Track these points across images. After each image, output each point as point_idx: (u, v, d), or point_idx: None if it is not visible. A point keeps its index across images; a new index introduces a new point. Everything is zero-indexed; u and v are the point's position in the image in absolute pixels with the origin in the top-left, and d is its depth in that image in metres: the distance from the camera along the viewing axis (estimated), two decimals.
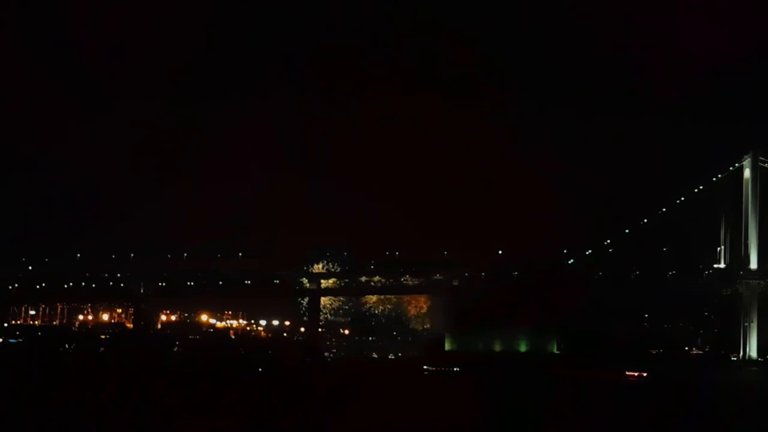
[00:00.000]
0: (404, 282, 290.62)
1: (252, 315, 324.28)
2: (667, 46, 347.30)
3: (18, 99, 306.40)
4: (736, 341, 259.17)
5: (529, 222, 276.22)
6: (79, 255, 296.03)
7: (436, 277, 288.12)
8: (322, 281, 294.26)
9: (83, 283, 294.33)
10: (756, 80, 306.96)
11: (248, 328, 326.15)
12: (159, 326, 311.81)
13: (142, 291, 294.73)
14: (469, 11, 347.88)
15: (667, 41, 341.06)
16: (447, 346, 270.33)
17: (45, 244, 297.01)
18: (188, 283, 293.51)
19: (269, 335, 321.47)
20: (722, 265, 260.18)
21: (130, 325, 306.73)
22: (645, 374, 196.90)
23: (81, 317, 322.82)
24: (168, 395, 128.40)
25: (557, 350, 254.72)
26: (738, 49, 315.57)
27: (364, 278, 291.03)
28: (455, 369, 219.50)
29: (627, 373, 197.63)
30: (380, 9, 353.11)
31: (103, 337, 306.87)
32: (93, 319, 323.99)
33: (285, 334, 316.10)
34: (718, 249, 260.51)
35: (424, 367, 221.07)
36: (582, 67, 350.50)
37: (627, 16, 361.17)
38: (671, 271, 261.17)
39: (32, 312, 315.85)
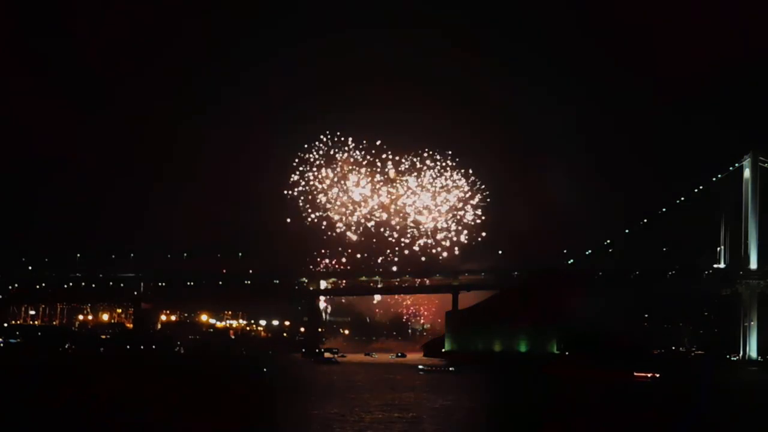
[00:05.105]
0: (404, 282, 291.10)
1: (252, 315, 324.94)
2: (668, 47, 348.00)
3: (18, 99, 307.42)
4: (736, 341, 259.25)
5: (529, 222, 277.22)
6: (79, 255, 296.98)
7: (436, 277, 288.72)
8: (322, 281, 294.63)
9: (83, 283, 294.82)
10: (756, 80, 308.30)
11: (248, 328, 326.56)
12: (159, 326, 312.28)
13: (142, 291, 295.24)
14: (469, 11, 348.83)
15: (668, 42, 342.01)
16: (447, 346, 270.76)
17: (45, 245, 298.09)
18: (188, 283, 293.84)
19: (269, 335, 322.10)
20: (722, 265, 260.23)
21: (130, 325, 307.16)
22: (657, 375, 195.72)
23: (81, 317, 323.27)
24: (168, 395, 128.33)
25: (557, 350, 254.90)
26: (738, 50, 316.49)
27: (363, 278, 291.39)
28: (451, 369, 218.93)
29: (635, 374, 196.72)
30: (381, 9, 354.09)
31: (103, 337, 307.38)
32: (93, 319, 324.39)
33: (285, 334, 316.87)
34: (718, 249, 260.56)
35: (420, 366, 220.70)
36: (582, 67, 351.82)
37: (627, 16, 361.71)
38: (671, 271, 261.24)
39: (32, 312, 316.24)
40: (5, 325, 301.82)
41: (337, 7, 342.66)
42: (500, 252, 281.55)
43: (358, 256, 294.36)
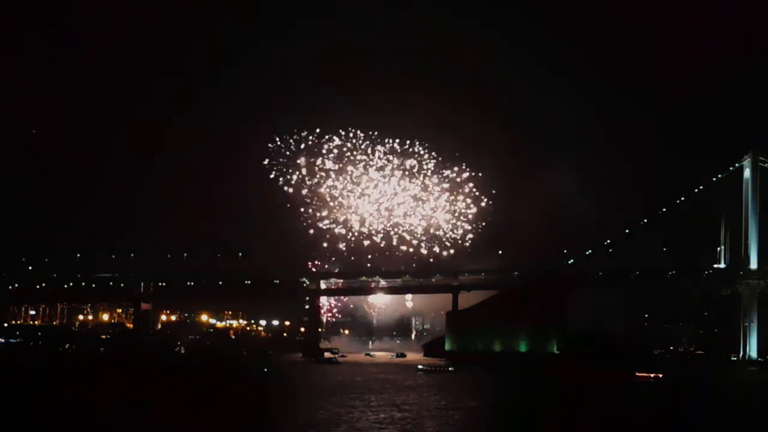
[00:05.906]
0: (404, 282, 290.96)
1: (252, 315, 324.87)
2: (668, 47, 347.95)
3: (18, 99, 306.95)
4: (736, 341, 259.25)
5: (529, 223, 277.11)
6: (79, 255, 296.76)
7: (436, 277, 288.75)
8: (322, 281, 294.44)
9: (83, 283, 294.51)
10: (756, 80, 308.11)
11: (248, 328, 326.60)
12: (159, 326, 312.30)
13: (142, 291, 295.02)
14: (470, 11, 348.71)
15: (668, 42, 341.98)
16: (447, 346, 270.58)
17: (45, 245, 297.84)
18: (188, 283, 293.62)
19: (269, 335, 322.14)
20: (722, 265, 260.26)
21: (130, 325, 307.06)
22: (660, 375, 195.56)
23: (81, 317, 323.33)
24: (168, 395, 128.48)
25: (557, 350, 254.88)
26: (738, 50, 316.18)
27: (364, 278, 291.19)
28: (451, 369, 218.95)
29: (637, 374, 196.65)
30: (381, 9, 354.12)
31: (103, 337, 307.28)
32: (93, 319, 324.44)
33: (285, 334, 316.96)
34: (718, 249, 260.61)
35: (420, 366, 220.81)
36: (582, 67, 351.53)
37: (627, 17, 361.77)
38: (671, 271, 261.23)
39: (32, 312, 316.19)
40: (5, 325, 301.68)
41: (338, 7, 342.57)
42: (500, 252, 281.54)
43: (356, 256, 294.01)
